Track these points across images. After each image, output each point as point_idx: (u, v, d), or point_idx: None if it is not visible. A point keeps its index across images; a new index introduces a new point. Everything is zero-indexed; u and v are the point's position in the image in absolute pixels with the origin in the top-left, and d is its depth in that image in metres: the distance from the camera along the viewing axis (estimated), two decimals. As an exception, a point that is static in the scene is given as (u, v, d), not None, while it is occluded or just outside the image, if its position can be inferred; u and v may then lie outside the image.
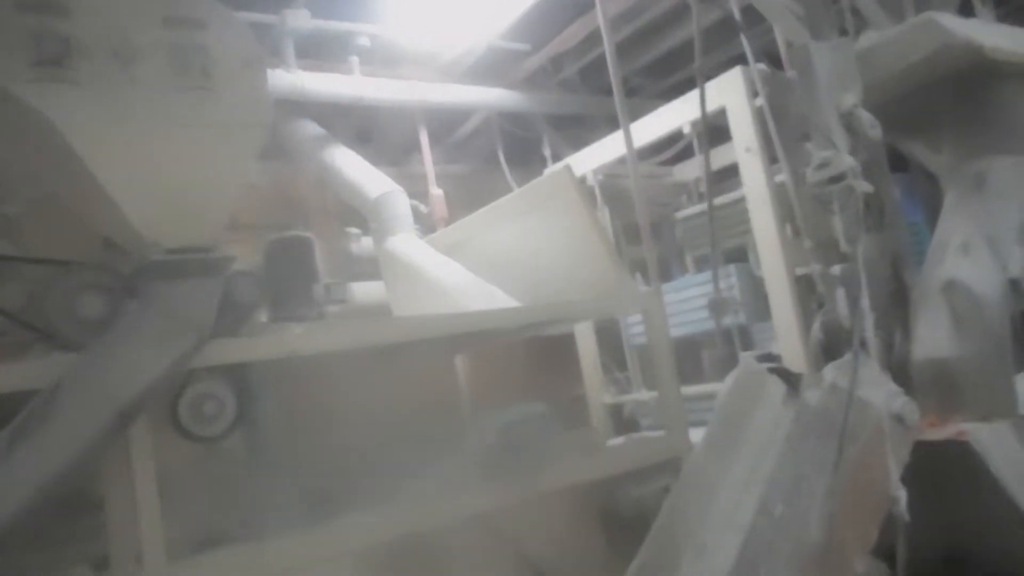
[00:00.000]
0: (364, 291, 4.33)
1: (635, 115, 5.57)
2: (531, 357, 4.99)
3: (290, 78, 4.39)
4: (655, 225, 5.10)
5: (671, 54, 5.87)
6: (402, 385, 4.12)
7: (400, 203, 4.31)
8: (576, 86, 5.99)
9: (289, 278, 2.72)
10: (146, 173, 2.20)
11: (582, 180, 4.97)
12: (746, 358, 2.51)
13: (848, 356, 2.24)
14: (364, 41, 4.66)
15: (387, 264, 4.19)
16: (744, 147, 4.31)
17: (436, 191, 5.11)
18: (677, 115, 4.73)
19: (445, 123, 5.92)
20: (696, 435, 3.40)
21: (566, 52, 5.58)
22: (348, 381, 3.68)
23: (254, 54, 3.00)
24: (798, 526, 1.95)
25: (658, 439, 3.42)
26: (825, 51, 2.54)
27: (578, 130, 6.44)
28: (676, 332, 4.46)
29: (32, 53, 2.53)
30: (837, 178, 2.40)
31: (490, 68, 5.48)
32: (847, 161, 2.38)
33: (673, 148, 4.97)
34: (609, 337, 5.42)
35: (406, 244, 4.19)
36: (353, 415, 3.45)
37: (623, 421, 5.09)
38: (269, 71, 3.06)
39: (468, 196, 5.51)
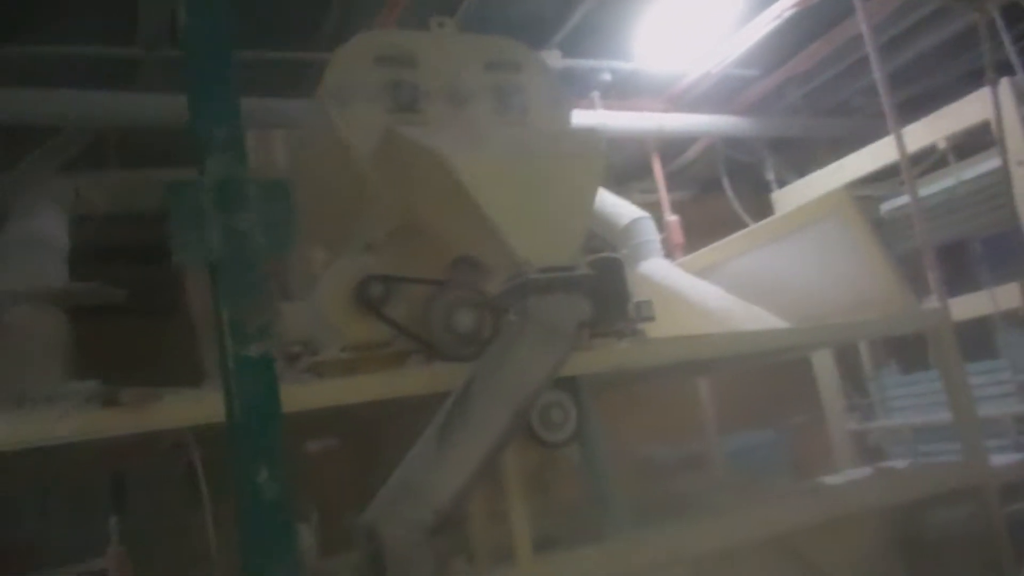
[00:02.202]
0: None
1: (860, 136, 5.49)
2: (765, 381, 4.95)
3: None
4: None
5: (893, 74, 5.72)
6: (655, 402, 4.22)
7: (650, 229, 4.45)
8: (799, 110, 5.94)
9: (607, 296, 2.88)
10: (517, 200, 2.45)
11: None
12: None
13: None
14: (606, 76, 4.88)
15: (640, 287, 4.32)
16: (1016, 160, 4.12)
17: (671, 217, 5.23)
18: (930, 131, 4.60)
19: (663, 151, 6.04)
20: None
21: (792, 77, 5.57)
22: (613, 398, 3.84)
23: (562, 94, 3.26)
24: None
25: (956, 465, 3.30)
26: None
27: (795, 153, 6.38)
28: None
29: (390, 99, 2.90)
30: None
31: (715, 96, 5.55)
32: None
33: (922, 165, 4.81)
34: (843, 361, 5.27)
35: (660, 267, 4.31)
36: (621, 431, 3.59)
37: (868, 449, 4.92)
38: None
39: (688, 222, 5.57)
